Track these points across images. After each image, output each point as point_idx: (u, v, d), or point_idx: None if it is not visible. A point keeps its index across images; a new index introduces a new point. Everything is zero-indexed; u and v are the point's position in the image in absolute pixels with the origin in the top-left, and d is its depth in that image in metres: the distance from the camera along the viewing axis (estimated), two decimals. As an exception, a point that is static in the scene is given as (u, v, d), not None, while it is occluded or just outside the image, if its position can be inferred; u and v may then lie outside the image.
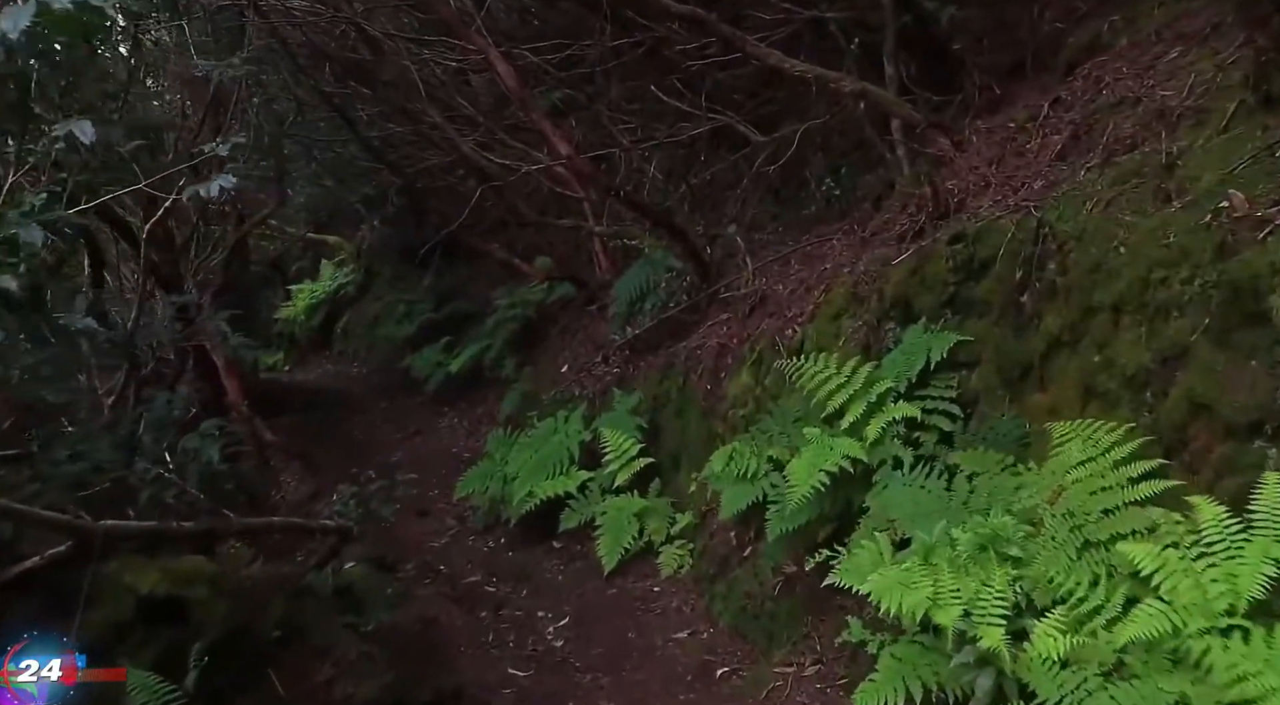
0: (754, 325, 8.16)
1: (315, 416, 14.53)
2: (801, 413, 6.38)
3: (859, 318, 6.73)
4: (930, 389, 5.66)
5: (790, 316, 7.58)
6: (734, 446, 6.71)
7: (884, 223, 7.51)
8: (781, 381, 7.22)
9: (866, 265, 6.98)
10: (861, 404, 5.71)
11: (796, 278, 8.35)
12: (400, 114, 11.71)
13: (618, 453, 8.55)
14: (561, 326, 12.57)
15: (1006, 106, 7.40)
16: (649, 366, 9.64)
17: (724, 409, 7.88)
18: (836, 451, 5.57)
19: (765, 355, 7.57)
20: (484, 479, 9.78)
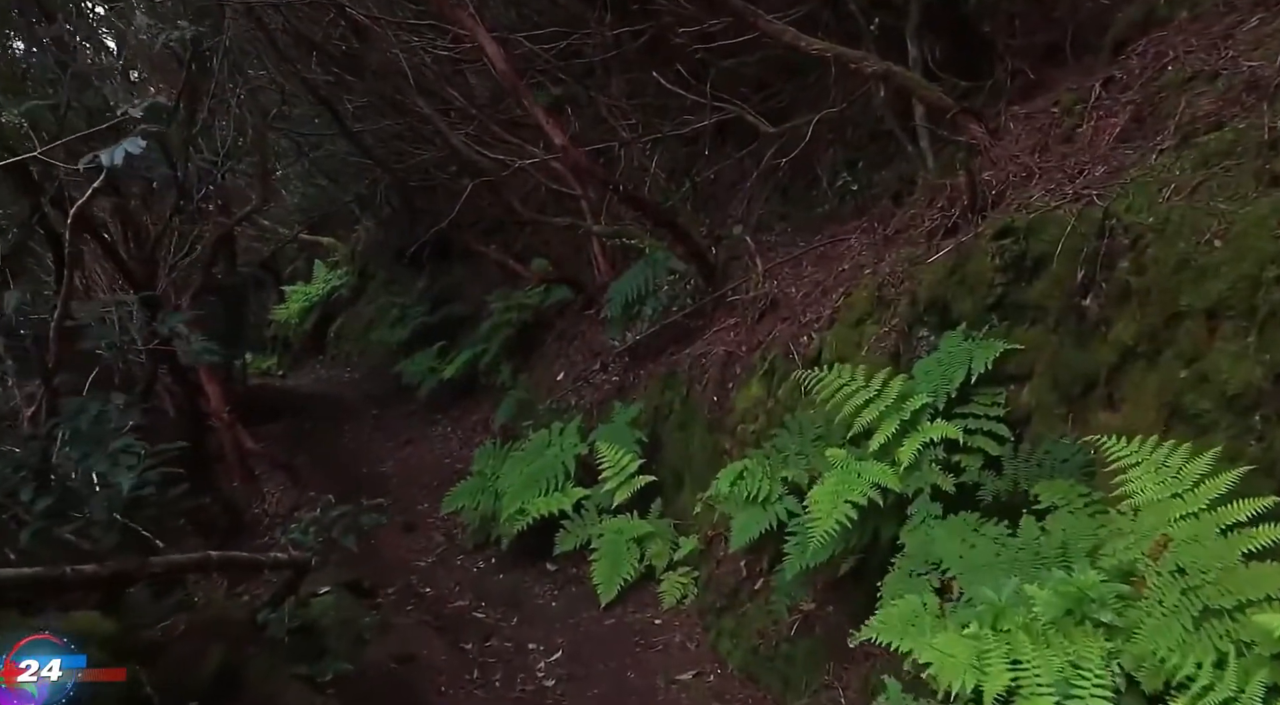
0: (764, 331, 7.32)
1: (304, 424, 13.69)
2: (822, 430, 5.53)
3: (885, 323, 5.88)
4: (973, 405, 4.80)
5: (805, 322, 6.74)
6: (744, 465, 5.87)
7: (909, 219, 6.67)
8: (797, 393, 6.37)
9: (892, 266, 6.13)
10: (893, 422, 4.86)
11: (810, 280, 7.51)
12: (389, 106, 10.86)
13: (616, 469, 7.70)
14: (558, 331, 11.73)
15: (1044, 91, 6.54)
16: (650, 375, 8.80)
17: (732, 423, 7.04)
18: (865, 479, 4.71)
19: (778, 364, 6.73)
20: (474, 494, 8.93)
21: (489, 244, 13.06)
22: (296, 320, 17.34)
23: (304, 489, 11.06)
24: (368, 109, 11.49)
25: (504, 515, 8.14)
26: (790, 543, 5.17)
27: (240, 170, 12.39)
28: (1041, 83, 6.73)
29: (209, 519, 9.53)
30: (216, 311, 14.63)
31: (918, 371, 5.07)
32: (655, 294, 8.97)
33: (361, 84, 10.84)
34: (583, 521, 7.84)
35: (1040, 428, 4.57)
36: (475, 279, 14.59)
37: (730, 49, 9.19)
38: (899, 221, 6.79)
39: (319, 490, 11.10)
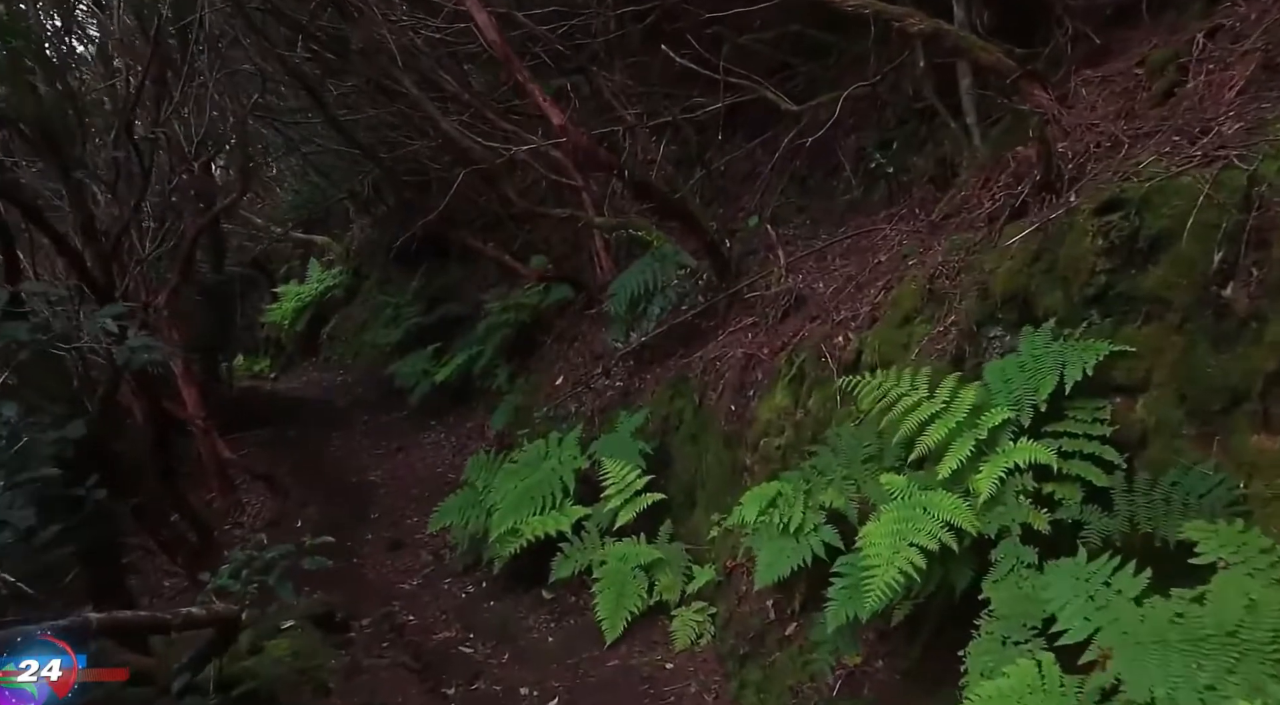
0: (789, 332, 6.24)
1: (291, 430, 12.61)
2: (873, 449, 4.43)
3: (939, 321, 4.81)
4: (1068, 422, 3.71)
5: (839, 321, 5.66)
6: (775, 488, 4.78)
7: (960, 202, 5.60)
8: (833, 403, 5.31)
9: (946, 254, 5.06)
10: (967, 442, 3.77)
11: (840, 274, 6.43)
12: (378, 91, 9.77)
13: (620, 485, 6.61)
14: (558, 333, 10.64)
15: (1116, 54, 5.46)
16: (657, 380, 7.71)
17: (753, 436, 5.95)
18: (934, 515, 3.63)
19: (807, 369, 5.65)
20: (463, 510, 7.83)
21: (486, 242, 11.96)
22: (289, 321, 16.24)
23: (285, 501, 10.00)
24: (355, 95, 10.41)
25: (495, 535, 7.04)
26: (835, 586, 4.08)
27: (225, 163, 11.36)
28: (1110, 46, 5.64)
29: (175, 538, 8.44)
30: (202, 311, 13.61)
31: (991, 378, 3.98)
32: (663, 291, 7.89)
33: (347, 66, 9.74)
34: (583, 545, 6.75)
35: (1162, 452, 3.48)
36: (473, 278, 13.52)
37: (745, 21, 8.15)
38: (947, 205, 5.72)
39: (301, 502, 10.07)
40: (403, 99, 9.66)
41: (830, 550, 4.48)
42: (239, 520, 9.94)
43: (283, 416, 13.09)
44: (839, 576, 4.07)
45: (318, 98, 9.29)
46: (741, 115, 10.03)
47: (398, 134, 10.72)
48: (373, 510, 9.91)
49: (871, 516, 3.85)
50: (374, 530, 9.35)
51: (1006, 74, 5.27)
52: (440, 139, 9.98)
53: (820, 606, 4.67)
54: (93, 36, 10.64)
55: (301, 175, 16.17)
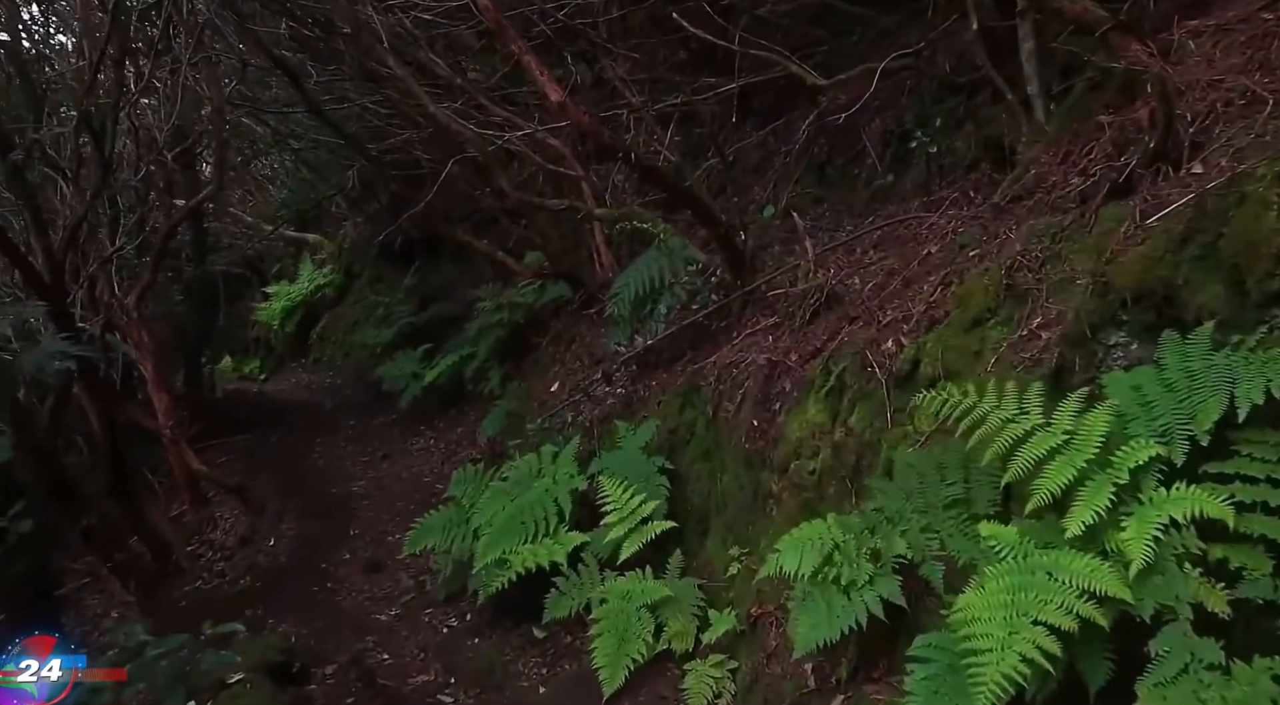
0: (820, 335, 5.13)
1: (273, 436, 11.48)
2: (958, 489, 3.30)
3: (1022, 323, 3.70)
4: (1243, 461, 2.61)
5: (886, 323, 4.55)
6: (819, 531, 3.67)
7: (1033, 181, 4.48)
8: (880, 421, 4.20)
9: (1025, 243, 3.94)
10: (1102, 487, 2.67)
11: (878, 268, 5.33)
12: (363, 75, 8.64)
13: (623, 511, 5.49)
14: (554, 334, 9.52)
15: (1220, 3, 4.37)
16: (664, 388, 6.60)
17: (780, 457, 4.84)
18: (1066, 584, 2.53)
19: (848, 380, 4.53)
20: (445, 531, 6.70)
21: (481, 238, 10.83)
22: (278, 321, 15.07)
23: (259, 515, 8.85)
24: (340, 82, 9.26)
25: (480, 565, 5.92)
26: (916, 677, 2.94)
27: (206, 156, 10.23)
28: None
29: (130, 561, 7.32)
30: (184, 311, 12.48)
31: (1121, 399, 2.86)
32: (670, 289, 6.77)
33: (330, 46, 8.62)
34: (579, 580, 5.63)
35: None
36: (467, 276, 12.34)
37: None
38: (1014, 186, 4.61)
39: (277, 516, 8.94)
40: (390, 85, 8.56)
41: (893, 610, 3.39)
42: (208, 537, 8.81)
43: (267, 421, 11.94)
44: (919, 662, 2.94)
45: (297, 82, 8.14)
46: (755, 99, 8.94)
47: (386, 123, 9.58)
48: (353, 525, 8.77)
49: (971, 584, 2.73)
50: (353, 549, 8.21)
51: (1094, 27, 4.17)
52: (431, 128, 8.88)
53: (873, 675, 3.59)
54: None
55: (294, 172, 15.02)
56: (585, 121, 5.77)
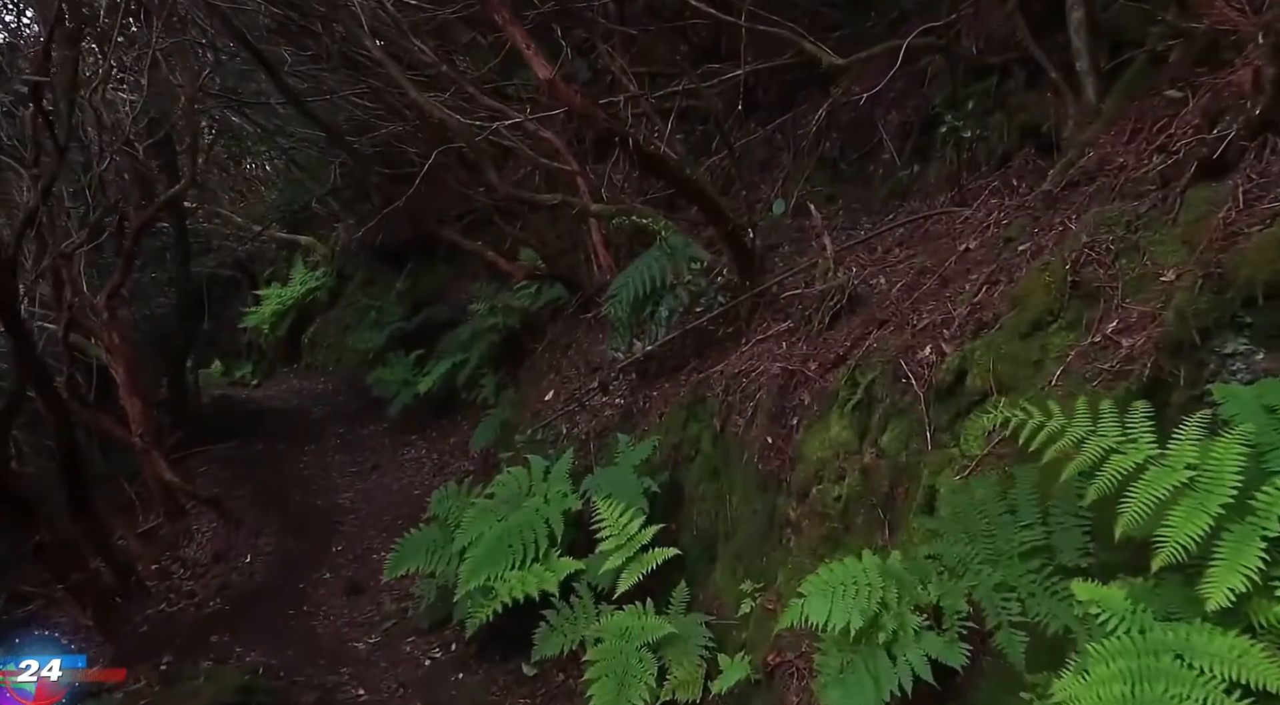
0: (842, 341, 4.46)
1: (259, 444, 10.78)
2: (1037, 535, 2.59)
3: (1095, 328, 3.03)
4: None
5: (922, 327, 3.87)
6: (854, 575, 2.98)
7: (1094, 163, 3.80)
8: (919, 442, 3.53)
9: (1093, 232, 3.26)
10: (1249, 542, 1.98)
11: (907, 267, 4.66)
12: (344, 62, 7.98)
13: (620, 536, 4.80)
14: (550, 339, 8.85)
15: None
16: (665, 399, 5.92)
17: (799, 479, 4.16)
18: (1208, 682, 1.85)
19: (879, 392, 3.86)
20: (429, 552, 6.03)
21: (476, 240, 10.15)
22: (269, 325, 14.37)
23: (236, 530, 8.16)
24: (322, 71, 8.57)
25: (464, 591, 5.25)
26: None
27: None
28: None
29: (88, 581, 6.63)
30: (168, 314, 11.82)
31: (1254, 424, 2.18)
32: (672, 290, 6.09)
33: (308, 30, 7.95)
34: (572, 613, 4.95)
35: None
36: (461, 279, 11.69)
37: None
38: (1070, 170, 3.92)
39: (256, 530, 8.26)
40: (372, 73, 7.91)
41: (942, 672, 2.72)
42: (181, 552, 8.12)
43: (252, 428, 11.25)
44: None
45: (268, 67, 7.45)
46: (761, 92, 8.29)
47: (371, 117, 8.91)
48: (336, 541, 8.10)
49: (1070, 665, 2.04)
50: (334, 567, 7.53)
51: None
52: (417, 120, 8.22)
53: (919, 748, 2.92)
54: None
55: (285, 172, 14.36)
56: (578, 103, 5.10)
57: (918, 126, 6.41)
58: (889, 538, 3.60)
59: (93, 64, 7.92)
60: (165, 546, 8.38)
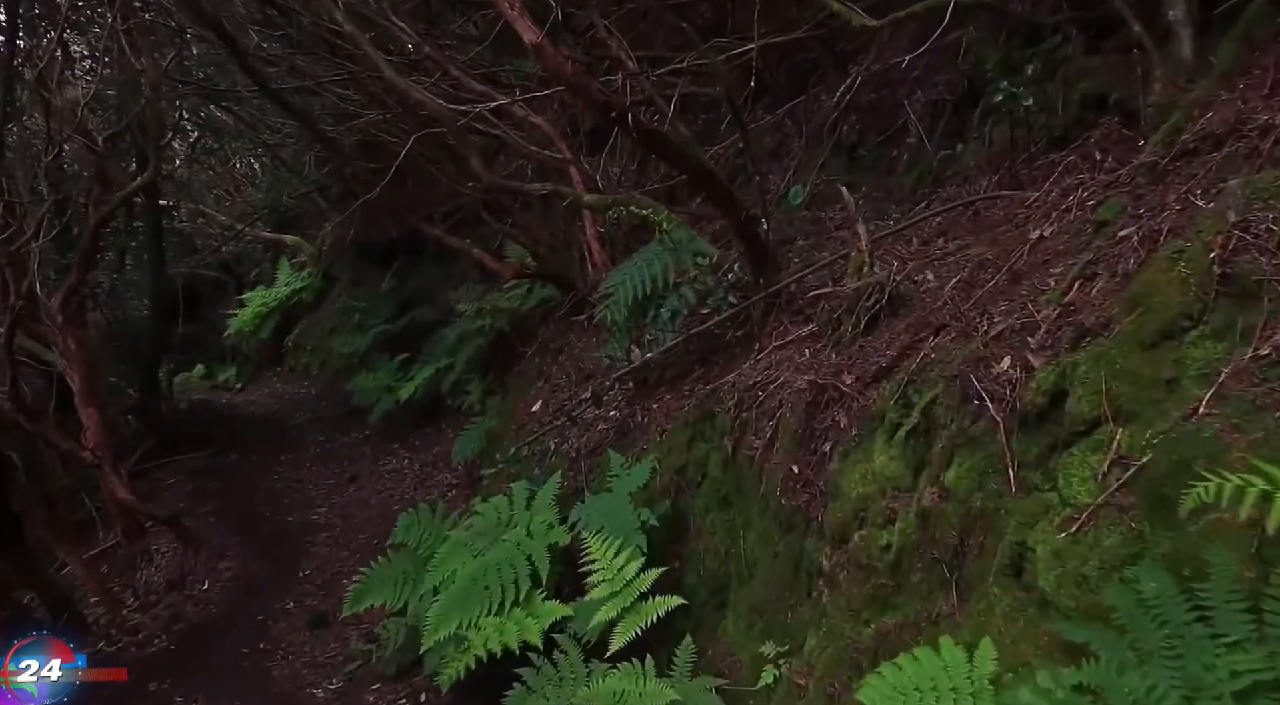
0: (883, 349, 3.56)
1: (233, 454, 9.86)
2: (1263, 662, 1.66)
3: (1255, 337, 2.14)
4: None
5: (996, 333, 2.97)
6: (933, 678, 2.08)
7: (1218, 125, 2.91)
8: (998, 482, 2.65)
9: (1242, 210, 2.38)
10: None
11: (960, 259, 3.78)
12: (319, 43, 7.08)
13: (615, 581, 3.91)
14: (540, 343, 7.95)
15: None
16: (667, 413, 5.02)
17: (834, 519, 3.27)
18: None
19: (941, 415, 2.96)
20: (397, 586, 5.15)
21: (465, 239, 9.25)
22: (251, 327, 13.44)
23: (196, 551, 7.25)
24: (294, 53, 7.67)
25: (431, 641, 4.35)
26: None
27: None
28: None
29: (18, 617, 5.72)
30: (139, 316, 10.92)
31: None
32: (676, 289, 5.19)
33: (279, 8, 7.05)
34: (556, 673, 4.03)
35: None
36: (450, 279, 10.78)
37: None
38: (1190, 135, 3.02)
39: (219, 552, 7.35)
40: (347, 56, 7.02)
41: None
42: (139, 576, 7.20)
43: (228, 437, 10.34)
44: None
45: (232, 45, 6.53)
46: (769, 76, 7.39)
47: (349, 103, 8.00)
48: (305, 563, 7.20)
49: None
50: (299, 596, 6.63)
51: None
52: (398, 106, 7.33)
53: None
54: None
55: (271, 170, 13.45)
56: (569, 71, 4.20)
57: (951, 105, 5.53)
58: (957, 604, 2.72)
59: (44, 46, 7.01)
60: (124, 569, 7.47)
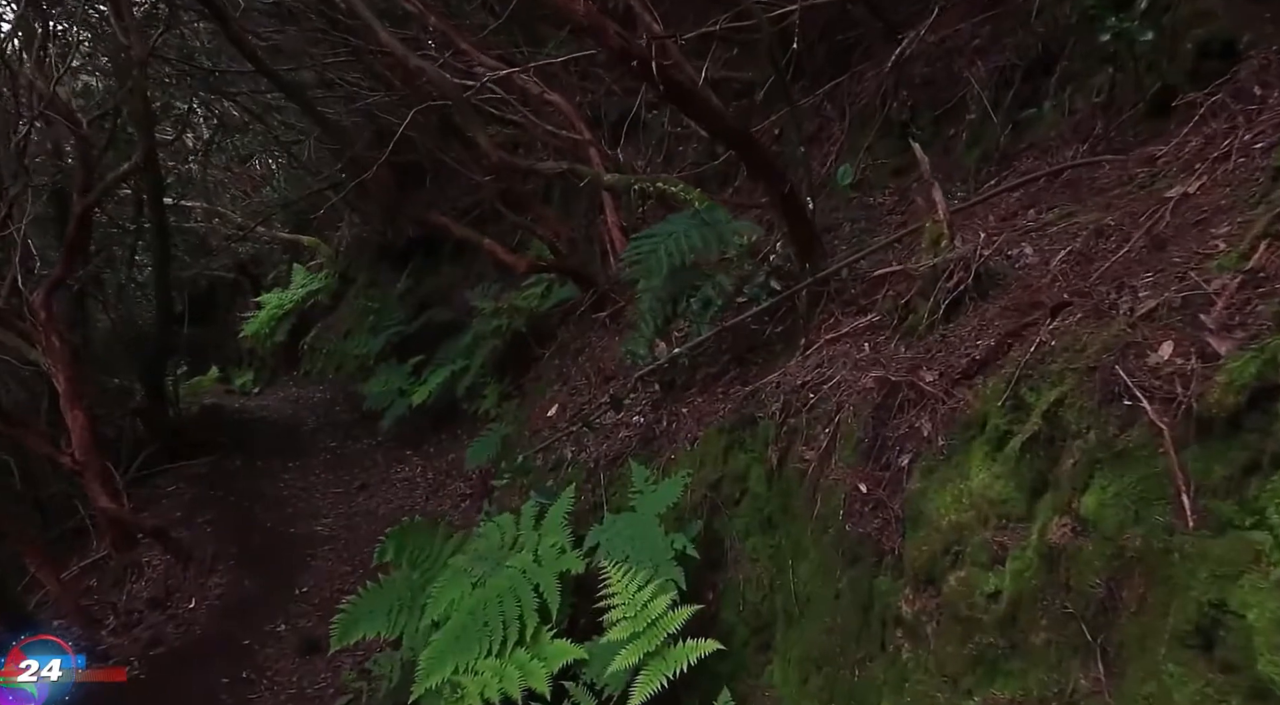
0: (973, 338, 2.77)
1: (237, 460, 9.15)
2: None
3: None
4: None
5: (1145, 311, 2.16)
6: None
7: None
8: (1155, 507, 1.83)
9: None
10: None
11: (1066, 230, 2.97)
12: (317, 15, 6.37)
13: (638, 618, 3.13)
14: (560, 343, 7.20)
15: None
16: (699, 418, 4.24)
17: (917, 552, 2.47)
18: None
19: (1071, 419, 2.15)
20: (388, 613, 4.38)
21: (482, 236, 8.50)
22: (267, 330, 12.78)
23: (185, 566, 6.53)
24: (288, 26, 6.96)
25: (420, 688, 3.58)
26: None
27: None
28: None
29: None
30: (142, 315, 10.27)
31: None
32: (710, 277, 4.41)
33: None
34: (568, 731, 3.27)
35: None
36: (468, 279, 10.05)
37: None
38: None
39: (211, 566, 6.62)
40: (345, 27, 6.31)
41: None
42: (125, 593, 6.49)
43: (235, 442, 9.64)
44: None
45: (219, 13, 5.82)
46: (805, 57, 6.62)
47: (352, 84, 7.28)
48: (303, 579, 6.47)
49: None
50: (293, 616, 5.90)
51: None
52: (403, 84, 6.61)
53: None
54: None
55: (287, 169, 12.81)
56: (581, 10, 3.44)
57: (1021, 71, 4.74)
58: (1105, 679, 1.93)
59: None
60: (113, 583, 6.78)
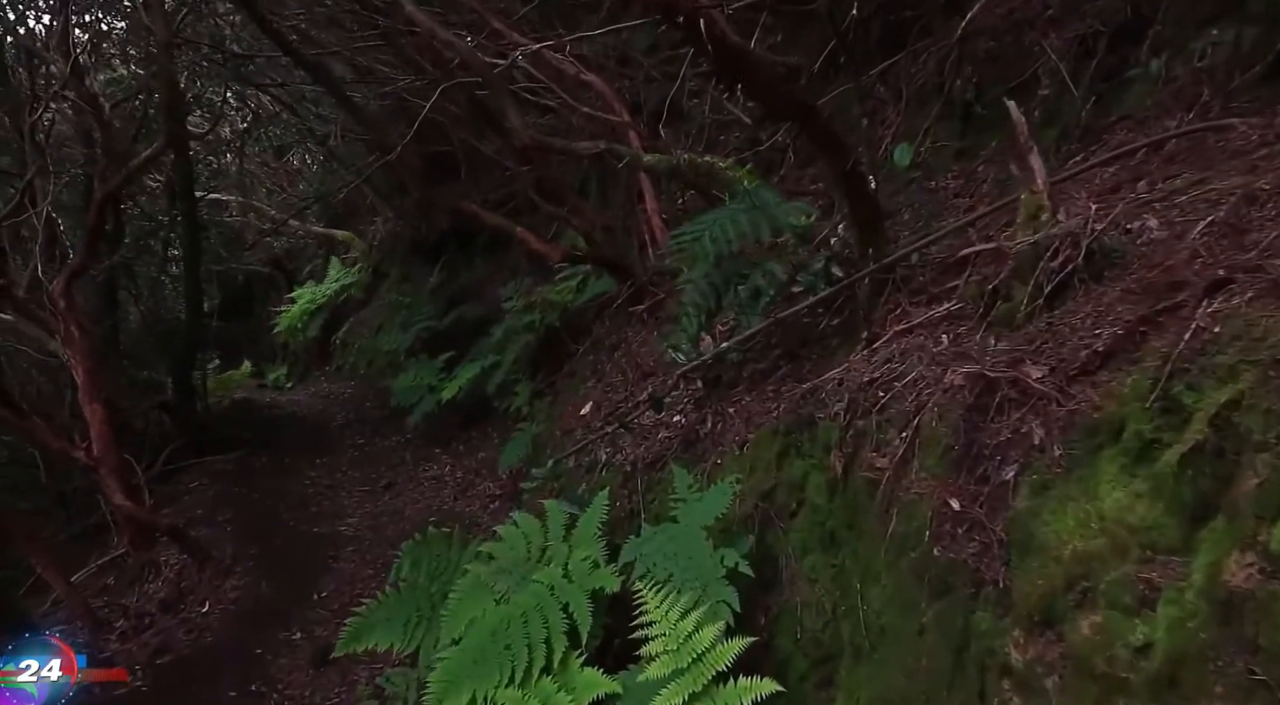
0: (1088, 326, 2.26)
1: (264, 457, 8.79)
2: None
3: None
4: None
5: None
6: None
7: None
8: None
9: None
10: None
11: (1193, 199, 2.44)
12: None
13: (681, 652, 2.65)
14: (595, 338, 6.75)
15: None
16: (748, 419, 3.75)
17: (1030, 586, 1.97)
18: None
19: (1248, 423, 1.64)
20: (404, 625, 3.95)
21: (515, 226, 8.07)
22: (299, 325, 12.45)
23: (201, 567, 6.15)
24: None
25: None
26: None
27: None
28: None
29: None
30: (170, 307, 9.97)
31: None
32: (760, 265, 3.92)
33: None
34: (598, 780, 2.79)
35: None
36: (501, 273, 9.63)
37: None
38: None
39: (227, 568, 6.24)
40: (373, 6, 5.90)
41: None
42: (139, 594, 6.12)
43: (263, 438, 9.29)
44: None
45: None
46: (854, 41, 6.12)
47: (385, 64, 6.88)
48: (323, 583, 6.07)
49: None
50: (309, 623, 5.49)
51: None
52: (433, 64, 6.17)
53: None
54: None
55: (324, 163, 12.50)
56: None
57: (1106, 40, 4.21)
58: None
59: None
60: (129, 582, 6.44)
